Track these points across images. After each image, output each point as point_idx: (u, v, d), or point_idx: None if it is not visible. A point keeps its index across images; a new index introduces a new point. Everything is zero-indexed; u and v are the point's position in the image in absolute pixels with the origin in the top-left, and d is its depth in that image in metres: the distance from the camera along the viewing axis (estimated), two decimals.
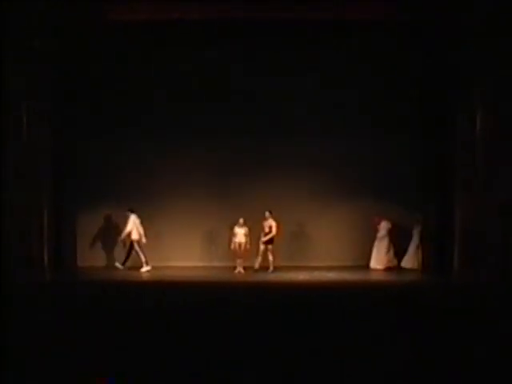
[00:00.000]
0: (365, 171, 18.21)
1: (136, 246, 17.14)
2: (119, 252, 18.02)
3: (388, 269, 17.61)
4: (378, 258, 17.69)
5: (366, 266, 17.72)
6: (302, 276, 16.37)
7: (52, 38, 15.75)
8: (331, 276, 16.58)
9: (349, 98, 17.96)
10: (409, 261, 17.74)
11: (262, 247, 17.08)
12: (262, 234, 17.14)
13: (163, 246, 18.24)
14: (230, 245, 17.44)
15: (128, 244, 17.27)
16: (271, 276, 16.65)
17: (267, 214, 17.00)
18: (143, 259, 17.18)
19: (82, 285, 15.31)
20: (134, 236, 17.10)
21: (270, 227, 16.94)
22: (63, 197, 16.95)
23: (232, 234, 17.32)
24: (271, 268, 17.12)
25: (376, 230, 17.79)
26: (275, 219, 17.19)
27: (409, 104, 17.64)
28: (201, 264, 18.21)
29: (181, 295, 13.17)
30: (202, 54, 17.58)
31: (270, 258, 17.08)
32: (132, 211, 17.10)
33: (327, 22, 16.33)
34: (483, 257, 14.89)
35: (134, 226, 17.06)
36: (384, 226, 17.69)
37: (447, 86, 16.31)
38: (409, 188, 17.79)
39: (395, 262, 17.80)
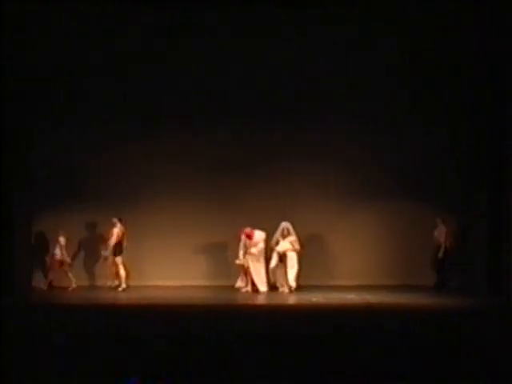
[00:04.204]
0: (396, 166, 16.29)
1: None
2: (80, 269, 16.46)
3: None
4: (260, 278, 15.55)
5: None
6: (315, 298, 14.54)
7: None
8: (351, 298, 14.56)
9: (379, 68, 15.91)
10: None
11: (110, 259, 15.62)
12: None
13: (141, 261, 16.21)
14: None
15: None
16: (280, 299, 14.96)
17: (114, 220, 15.41)
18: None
19: (35, 308, 13.62)
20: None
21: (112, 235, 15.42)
22: (14, 204, 15.14)
23: None
24: (123, 285, 15.42)
25: (248, 244, 15.49)
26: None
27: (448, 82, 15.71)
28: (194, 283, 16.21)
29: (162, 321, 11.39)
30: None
31: (121, 272, 15.45)
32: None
33: None
34: None
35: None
36: (260, 238, 15.52)
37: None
38: (449, 186, 16.11)
39: (265, 285, 15.60)
